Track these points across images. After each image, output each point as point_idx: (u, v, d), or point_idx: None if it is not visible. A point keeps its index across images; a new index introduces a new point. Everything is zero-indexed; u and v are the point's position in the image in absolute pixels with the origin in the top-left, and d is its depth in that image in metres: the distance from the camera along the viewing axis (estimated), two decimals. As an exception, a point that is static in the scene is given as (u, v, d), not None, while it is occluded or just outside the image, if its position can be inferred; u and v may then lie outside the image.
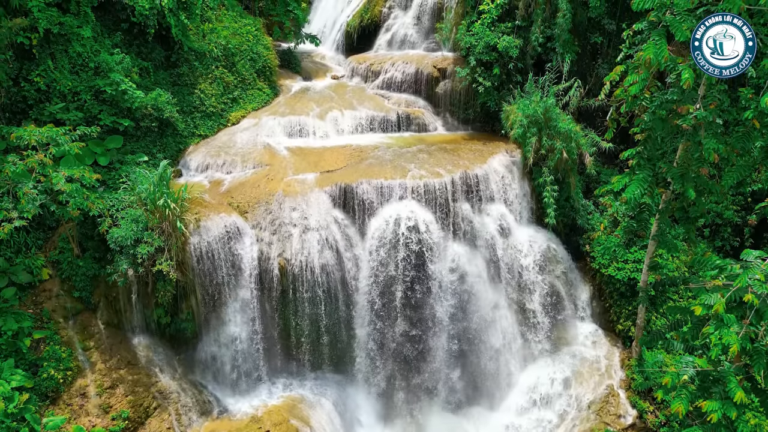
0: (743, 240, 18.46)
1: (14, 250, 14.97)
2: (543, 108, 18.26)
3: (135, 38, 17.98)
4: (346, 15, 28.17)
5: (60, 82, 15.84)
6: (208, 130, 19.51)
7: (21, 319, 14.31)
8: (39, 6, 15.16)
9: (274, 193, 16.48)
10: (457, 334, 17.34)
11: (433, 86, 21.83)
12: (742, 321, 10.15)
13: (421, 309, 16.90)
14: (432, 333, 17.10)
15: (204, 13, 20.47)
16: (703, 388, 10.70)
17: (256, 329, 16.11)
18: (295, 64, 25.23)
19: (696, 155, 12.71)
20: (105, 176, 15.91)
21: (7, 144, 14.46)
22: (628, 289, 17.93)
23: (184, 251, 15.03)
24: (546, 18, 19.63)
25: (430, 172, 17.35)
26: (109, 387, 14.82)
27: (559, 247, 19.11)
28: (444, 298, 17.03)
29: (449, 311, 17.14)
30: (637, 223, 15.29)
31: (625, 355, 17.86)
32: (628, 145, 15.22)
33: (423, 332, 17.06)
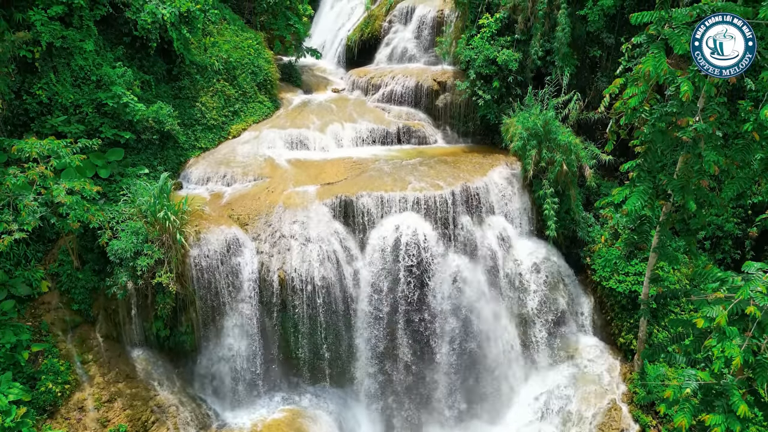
0: (744, 252, 18.39)
1: (14, 262, 14.94)
2: (542, 121, 18.32)
3: (137, 52, 18.11)
4: (347, 29, 28.43)
5: (62, 95, 15.92)
6: (209, 143, 19.57)
7: (20, 331, 14.25)
8: (42, 20, 15.29)
9: (275, 205, 16.48)
10: (458, 346, 17.21)
11: (433, 99, 21.94)
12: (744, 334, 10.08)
13: (422, 322, 16.81)
14: (432, 346, 16.98)
15: (206, 27, 20.64)
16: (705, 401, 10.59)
17: (255, 342, 16.01)
18: (296, 78, 25.38)
19: (696, 167, 12.71)
20: (106, 188, 15.92)
21: (9, 156, 14.50)
22: (630, 302, 17.85)
23: (184, 263, 14.99)
24: (545, 32, 19.77)
25: (431, 184, 17.37)
26: (108, 401, 14.71)
27: (560, 259, 19.05)
28: (445, 311, 16.94)
29: (450, 324, 17.05)
30: (638, 236, 15.26)
31: (627, 369, 17.72)
32: (628, 158, 15.25)
33: (423, 345, 16.95)
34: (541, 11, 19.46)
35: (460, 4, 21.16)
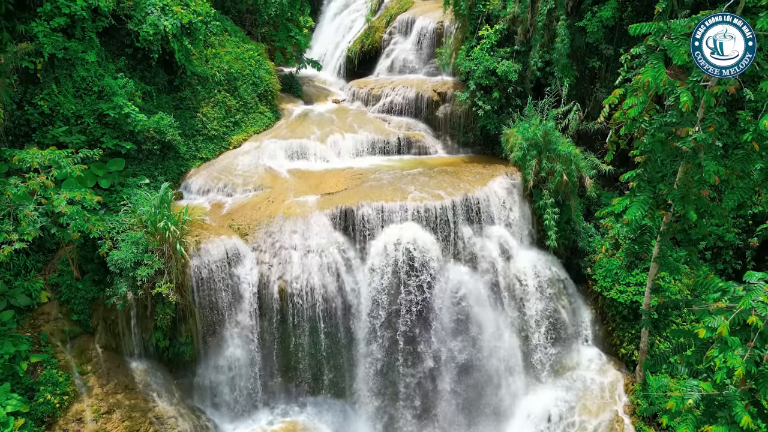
0: (745, 263, 18.35)
1: (14, 272, 14.92)
2: (542, 131, 18.37)
3: (139, 63, 18.21)
4: (347, 41, 28.61)
5: (63, 106, 15.99)
6: (209, 153, 19.62)
7: (18, 342, 14.19)
8: (44, 31, 15.39)
9: (275, 215, 16.48)
10: (459, 358, 17.12)
11: (433, 110, 22.01)
12: (746, 344, 10.01)
13: (422, 333, 16.73)
14: (433, 357, 16.89)
15: (207, 39, 20.77)
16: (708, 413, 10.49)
17: (255, 353, 15.94)
18: (296, 89, 25.50)
19: (696, 177, 12.71)
20: (106, 198, 15.93)
21: (10, 167, 14.53)
22: (631, 313, 17.78)
23: (184, 274, 14.96)
24: (544, 43, 19.89)
25: (431, 194, 17.37)
26: (106, 412, 14.60)
27: (561, 269, 19.01)
28: (445, 322, 16.87)
29: (450, 335, 16.97)
30: (639, 246, 15.22)
31: (629, 380, 17.61)
32: (628, 168, 15.25)
33: (424, 356, 16.85)
34: (540, 23, 19.59)
35: (460, 15, 21.30)
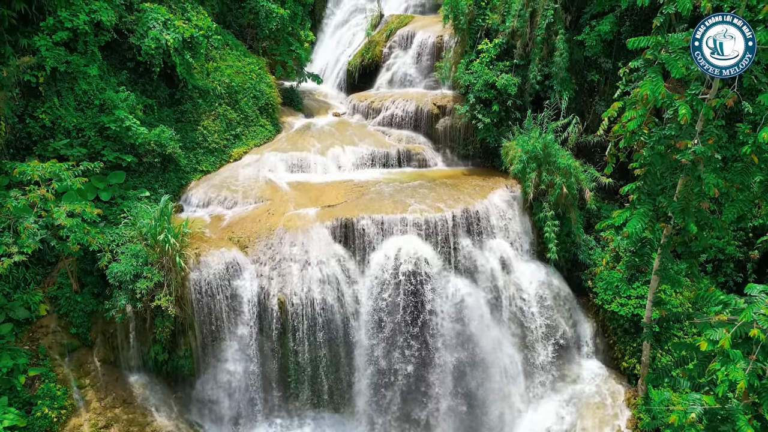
0: (746, 275, 18.31)
1: (13, 285, 14.88)
2: (542, 144, 18.42)
3: (140, 76, 18.32)
4: (348, 55, 28.82)
5: (65, 119, 16.05)
6: (210, 166, 19.66)
7: (17, 355, 14.11)
8: (47, 45, 15.51)
9: (275, 227, 16.47)
10: (460, 371, 17.00)
11: (433, 123, 22.10)
12: (748, 357, 9.96)
13: (423, 345, 16.64)
14: (434, 370, 16.77)
15: (208, 53, 20.91)
16: (711, 427, 10.42)
17: (254, 367, 15.84)
18: (297, 102, 25.63)
19: (696, 190, 12.72)
20: (106, 211, 15.94)
21: (10, 179, 14.55)
22: (632, 326, 17.70)
23: (183, 286, 14.92)
24: (543, 57, 20.02)
25: (431, 206, 17.38)
26: (104, 426, 14.48)
27: (561, 282, 18.95)
28: (445, 335, 16.78)
29: (451, 348, 16.87)
30: (639, 258, 15.19)
31: (631, 394, 17.49)
32: (628, 180, 15.28)
33: (425, 370, 16.74)
34: (539, 37, 19.74)
35: (460, 30, 21.47)
